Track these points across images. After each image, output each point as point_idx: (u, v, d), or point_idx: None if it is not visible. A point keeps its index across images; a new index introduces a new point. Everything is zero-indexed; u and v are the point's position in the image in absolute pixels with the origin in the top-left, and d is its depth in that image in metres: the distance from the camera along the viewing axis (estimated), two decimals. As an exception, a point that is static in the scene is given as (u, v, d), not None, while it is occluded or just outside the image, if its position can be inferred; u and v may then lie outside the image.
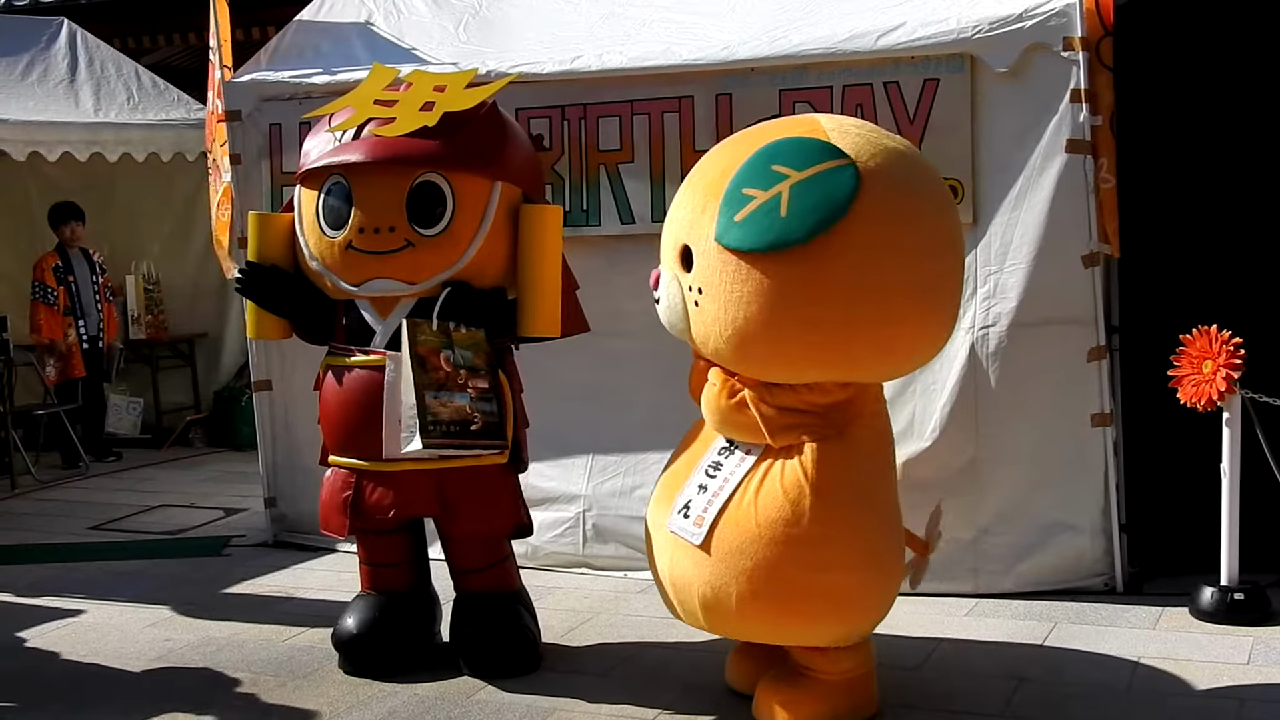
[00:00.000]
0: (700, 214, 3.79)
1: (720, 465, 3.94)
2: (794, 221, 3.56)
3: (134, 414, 10.00)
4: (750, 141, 3.86)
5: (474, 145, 4.43)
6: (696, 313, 3.82)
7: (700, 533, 3.86)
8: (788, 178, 3.60)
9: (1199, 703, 4.17)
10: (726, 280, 3.68)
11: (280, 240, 4.62)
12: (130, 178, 9.56)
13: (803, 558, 3.76)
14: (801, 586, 3.78)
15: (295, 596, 5.76)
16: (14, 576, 6.21)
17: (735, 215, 3.64)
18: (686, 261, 3.85)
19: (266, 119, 6.31)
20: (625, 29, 5.81)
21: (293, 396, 6.50)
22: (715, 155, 3.98)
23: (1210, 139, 5.44)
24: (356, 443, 4.51)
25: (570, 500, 5.89)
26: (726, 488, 3.88)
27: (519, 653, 4.65)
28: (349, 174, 4.38)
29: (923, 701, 4.24)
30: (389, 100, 4.45)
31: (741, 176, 3.69)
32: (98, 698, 4.56)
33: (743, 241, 3.62)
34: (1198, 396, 4.84)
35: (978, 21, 5.06)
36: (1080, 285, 5.09)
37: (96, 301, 9.28)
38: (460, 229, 4.38)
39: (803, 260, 3.59)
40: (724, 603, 3.85)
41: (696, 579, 3.89)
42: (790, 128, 3.88)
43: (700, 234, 3.77)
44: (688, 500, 3.95)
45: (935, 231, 3.82)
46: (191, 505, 7.80)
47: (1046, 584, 5.25)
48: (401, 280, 4.39)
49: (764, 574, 3.76)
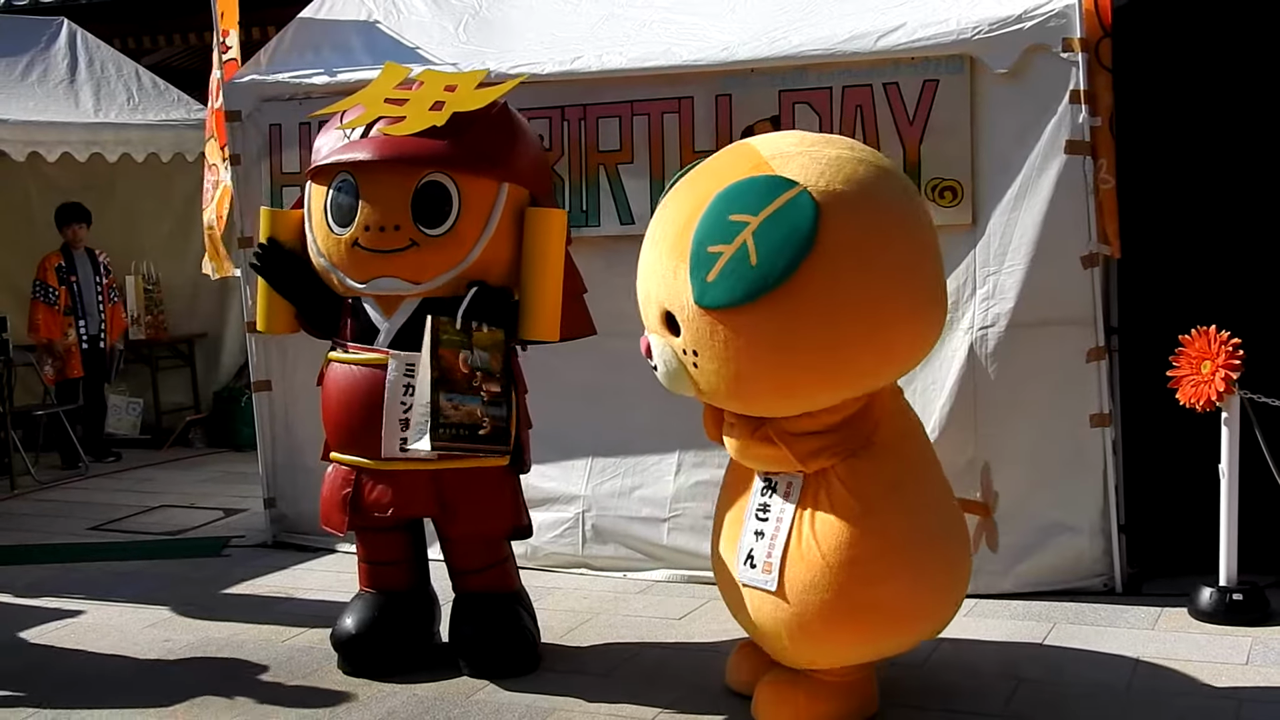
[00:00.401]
0: (674, 279, 3.76)
1: (768, 506, 3.96)
2: (764, 267, 3.55)
3: (134, 414, 10.00)
4: (697, 190, 3.80)
5: (482, 146, 4.42)
6: (698, 373, 3.80)
7: (772, 579, 3.87)
8: (747, 224, 3.58)
9: (1198, 703, 4.18)
10: (719, 339, 3.67)
11: (291, 236, 4.65)
12: (130, 178, 9.56)
13: (869, 574, 3.79)
14: (867, 603, 3.81)
15: (294, 597, 5.76)
16: (13, 577, 6.21)
17: (707, 275, 3.62)
18: (672, 326, 3.82)
19: (266, 119, 6.31)
20: (625, 30, 5.81)
21: (293, 397, 6.50)
22: (670, 209, 3.93)
23: (1209, 140, 5.44)
24: (357, 440, 4.51)
25: (570, 501, 5.89)
26: (783, 528, 3.90)
27: (518, 653, 4.65)
28: (356, 172, 4.39)
29: (923, 701, 4.24)
30: (399, 99, 4.45)
31: (702, 234, 3.65)
32: (97, 698, 4.55)
33: (721, 299, 3.61)
34: (1196, 397, 4.85)
35: (977, 22, 5.07)
36: (1079, 286, 5.09)
37: (99, 302, 9.27)
38: (466, 229, 4.38)
39: (785, 299, 3.57)
40: (811, 638, 3.88)
41: (780, 621, 3.90)
42: (732, 166, 3.83)
43: (678, 299, 3.74)
44: (750, 550, 3.96)
45: (906, 235, 3.80)
46: (191, 506, 7.80)
47: (1046, 584, 5.25)
48: (406, 279, 4.39)
49: (840, 601, 3.80)
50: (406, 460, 4.42)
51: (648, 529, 5.77)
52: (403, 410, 4.40)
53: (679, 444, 5.62)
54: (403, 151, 4.35)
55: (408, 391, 4.39)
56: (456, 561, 4.72)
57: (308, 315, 4.72)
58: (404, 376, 4.39)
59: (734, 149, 4.03)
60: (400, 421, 4.39)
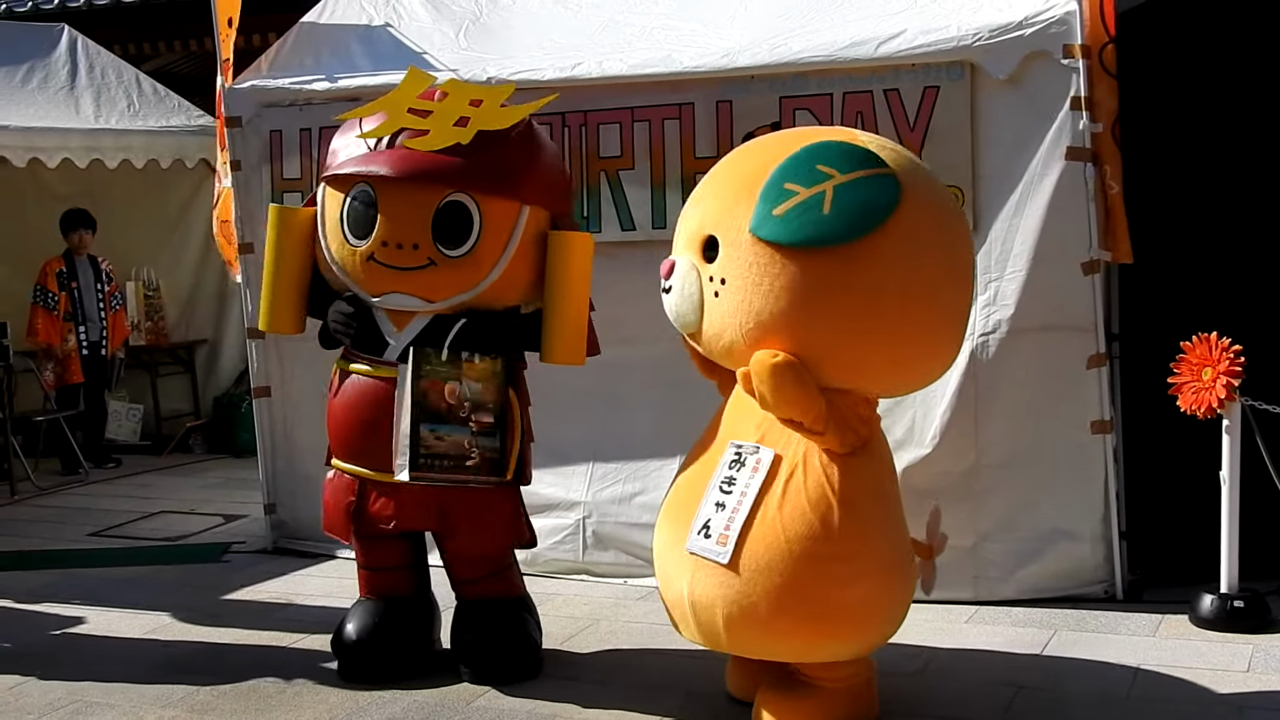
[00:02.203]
0: (734, 205, 3.78)
1: (734, 480, 3.90)
2: (835, 220, 3.59)
3: (134, 420, 10.00)
4: (789, 143, 3.87)
5: (505, 166, 4.38)
6: (714, 304, 3.80)
7: (726, 551, 3.79)
8: (832, 177, 3.63)
9: (1199, 710, 4.17)
10: (755, 272, 3.68)
11: (302, 236, 4.56)
12: (129, 184, 9.55)
13: (833, 574, 3.74)
14: (832, 602, 3.76)
15: (295, 603, 5.76)
16: (13, 583, 6.20)
17: (775, 209, 3.64)
18: (709, 252, 3.83)
19: (267, 125, 6.31)
20: (626, 36, 5.81)
21: (292, 403, 6.50)
22: (749, 152, 4.01)
23: (1211, 146, 5.45)
24: (361, 450, 4.50)
25: (570, 507, 5.88)
26: (745, 502, 3.83)
27: (520, 658, 4.64)
28: (376, 184, 4.34)
29: (922, 708, 4.24)
30: (423, 110, 4.34)
31: (784, 171, 3.69)
32: (97, 704, 4.55)
33: (781, 235, 3.63)
34: (1198, 404, 4.85)
35: (978, 29, 5.07)
36: (1080, 292, 5.09)
37: (100, 309, 9.27)
38: (485, 251, 4.35)
39: (835, 261, 3.63)
40: (751, 621, 3.79)
41: (721, 598, 3.81)
42: (827, 134, 3.92)
43: (732, 225, 3.76)
44: (706, 519, 3.88)
45: (957, 259, 3.90)
46: (191, 512, 7.80)
47: (1046, 591, 5.25)
48: (420, 297, 4.38)
49: (795, 591, 3.72)
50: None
51: (648, 535, 5.69)
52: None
53: (679, 450, 5.54)
54: (425, 169, 4.29)
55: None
56: (458, 571, 4.71)
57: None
58: (401, 405, 4.37)
59: (832, 128, 4.26)
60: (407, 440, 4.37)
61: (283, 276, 4.57)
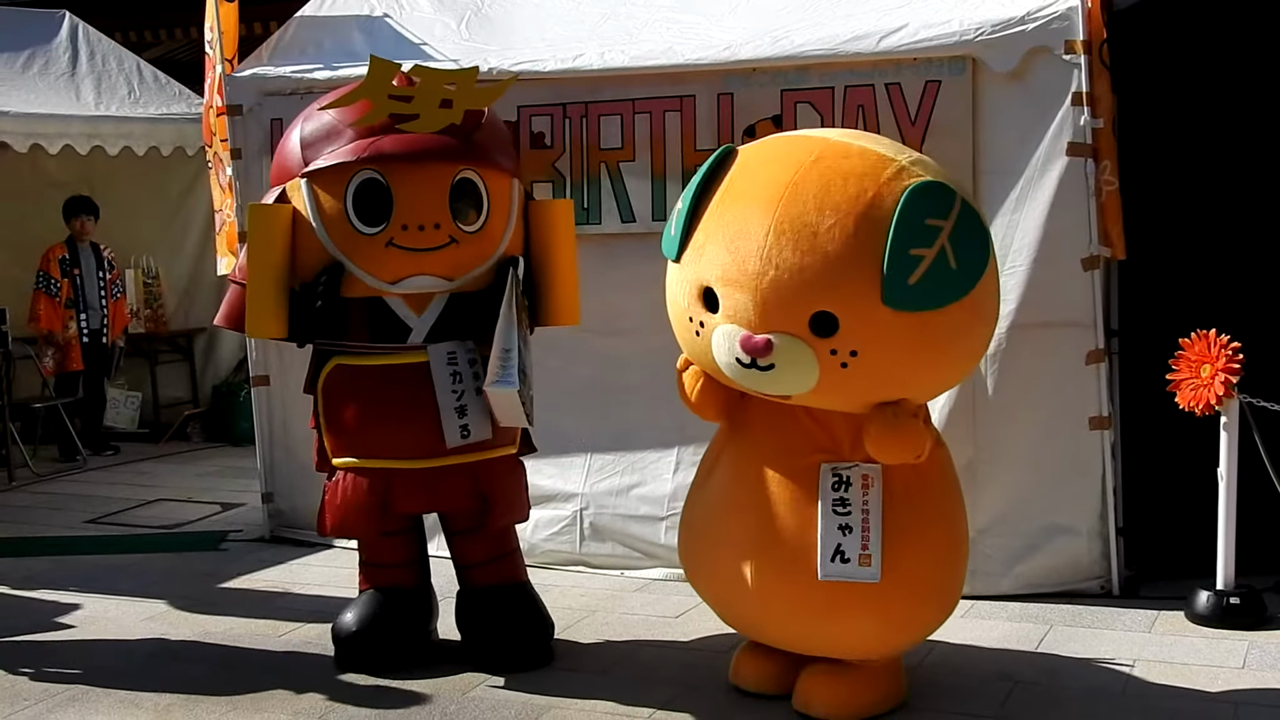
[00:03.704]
0: (840, 275, 3.63)
1: (847, 500, 3.93)
2: (964, 271, 3.66)
3: (132, 408, 9.99)
4: (832, 194, 3.67)
5: (496, 142, 4.53)
6: (844, 373, 3.72)
7: (873, 571, 3.87)
8: (942, 229, 3.63)
9: (1194, 706, 4.18)
10: (894, 338, 3.67)
11: (283, 235, 4.43)
12: (130, 172, 9.53)
13: (937, 560, 4.03)
14: (954, 588, 4.12)
15: (291, 591, 5.76)
16: (10, 569, 6.20)
17: (909, 279, 3.59)
18: (823, 327, 3.67)
19: (268, 114, 6.30)
20: (627, 28, 5.81)
21: (291, 392, 6.47)
22: (798, 195, 3.70)
23: (1210, 143, 5.44)
24: (390, 443, 4.46)
25: (567, 499, 5.88)
26: (874, 518, 3.89)
27: (539, 644, 4.68)
28: (387, 170, 4.34)
29: (918, 702, 4.24)
30: (404, 95, 4.38)
31: (902, 237, 3.59)
32: (93, 691, 4.55)
33: (924, 302, 3.63)
34: (1196, 400, 4.85)
35: (980, 24, 5.07)
36: (1080, 288, 5.09)
37: (102, 297, 9.26)
38: (494, 224, 4.47)
39: (963, 306, 3.70)
40: (920, 622, 4.11)
41: (876, 611, 3.94)
42: (871, 168, 3.73)
43: (849, 299, 3.64)
44: (837, 544, 3.90)
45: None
46: (189, 500, 7.80)
47: (1043, 586, 5.26)
48: (441, 276, 4.40)
49: (935, 587, 4.04)
50: (451, 455, 4.44)
51: (645, 527, 5.77)
52: (455, 399, 4.41)
53: (677, 442, 5.62)
54: (435, 148, 4.35)
55: (455, 380, 4.41)
56: (470, 555, 4.71)
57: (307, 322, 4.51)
58: (448, 365, 4.40)
59: (843, 147, 3.85)
60: (455, 410, 4.40)
61: (267, 279, 4.41)
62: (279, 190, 4.52)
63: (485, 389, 4.36)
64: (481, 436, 4.46)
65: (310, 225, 4.41)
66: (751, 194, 3.79)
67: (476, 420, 4.44)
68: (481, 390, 4.39)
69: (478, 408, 4.44)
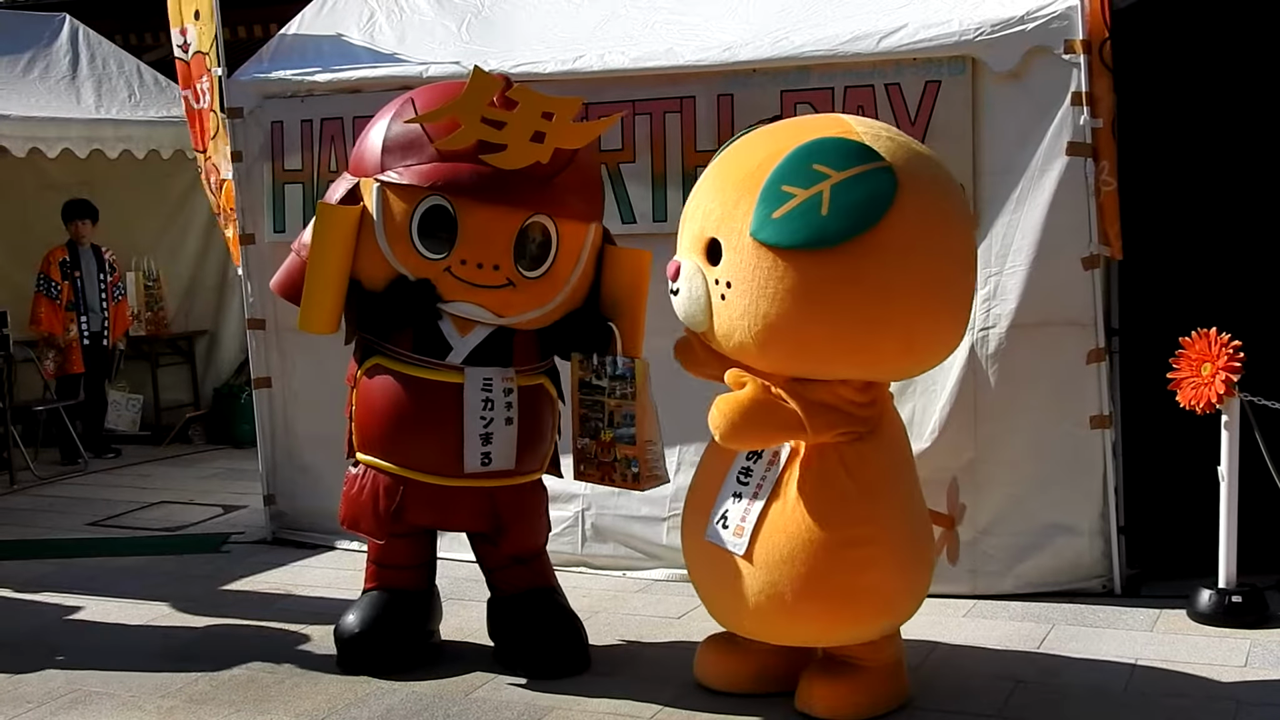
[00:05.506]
0: (733, 208, 3.79)
1: (750, 471, 3.96)
2: (834, 221, 3.61)
3: (133, 411, 9.99)
4: (783, 138, 3.87)
5: (578, 187, 4.41)
6: (722, 306, 3.82)
7: (741, 543, 3.88)
8: (828, 177, 3.64)
9: (1196, 705, 4.18)
10: (760, 275, 3.70)
11: (347, 236, 4.38)
12: (130, 175, 9.54)
13: (853, 558, 3.85)
14: (854, 587, 3.88)
15: (294, 594, 5.76)
16: (12, 572, 6.20)
17: (774, 212, 3.66)
18: (713, 255, 3.85)
19: (269, 116, 6.31)
20: (627, 29, 5.81)
21: (292, 394, 6.50)
22: (746, 149, 3.97)
23: (1211, 142, 5.45)
24: (411, 452, 4.44)
25: (569, 499, 5.88)
26: (762, 493, 3.91)
27: (578, 650, 4.66)
28: (457, 200, 4.27)
29: (920, 702, 4.24)
30: (497, 121, 4.22)
31: (781, 173, 3.70)
32: (96, 694, 4.56)
33: (781, 238, 3.65)
34: (1197, 399, 4.85)
35: (979, 24, 5.07)
36: (1080, 287, 5.10)
37: (103, 300, 9.26)
38: (559, 271, 4.40)
39: (837, 258, 3.65)
40: (778, 609, 3.90)
41: (744, 587, 3.91)
42: (822, 127, 3.90)
43: (733, 228, 3.78)
44: (725, 510, 3.96)
45: (962, 238, 3.95)
46: (190, 502, 7.80)
47: (1045, 586, 5.26)
48: (492, 312, 4.37)
49: (818, 579, 3.83)
50: (472, 478, 4.43)
51: (647, 528, 5.78)
52: (483, 425, 4.38)
53: (681, 441, 5.60)
54: (511, 191, 4.25)
55: (486, 406, 4.38)
56: (501, 563, 4.69)
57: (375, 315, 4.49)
58: (481, 391, 4.37)
59: (825, 116, 4.19)
60: (480, 436, 4.38)
61: (328, 277, 4.40)
62: (353, 183, 4.45)
63: (641, 488, 4.44)
64: (503, 466, 4.45)
65: (375, 228, 4.37)
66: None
67: (500, 449, 4.42)
68: (511, 420, 4.40)
69: (504, 437, 4.42)
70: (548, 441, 4.68)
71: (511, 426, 4.42)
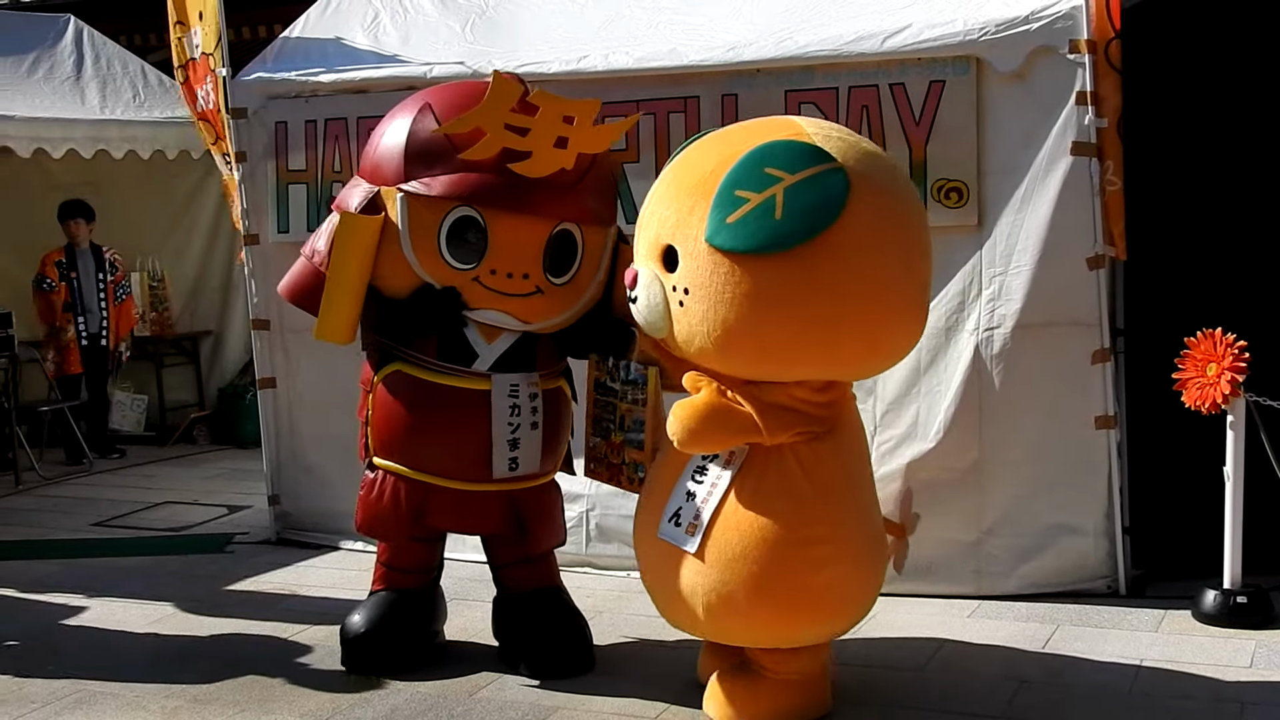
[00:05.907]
0: (688, 215, 3.78)
1: (706, 469, 3.94)
2: (788, 223, 3.60)
3: (138, 411, 10.01)
4: (734, 142, 3.86)
5: (599, 192, 4.45)
6: (681, 313, 3.83)
7: (694, 542, 3.87)
8: (781, 180, 3.63)
9: (1201, 706, 4.17)
10: (716, 281, 3.70)
11: (369, 247, 4.33)
12: (135, 175, 9.54)
13: (806, 558, 3.81)
14: (807, 587, 3.84)
15: (298, 594, 5.77)
16: (17, 572, 6.21)
17: (727, 217, 3.65)
18: (670, 262, 3.85)
19: (272, 117, 6.31)
20: (631, 30, 5.81)
21: (297, 394, 6.50)
22: (699, 155, 3.97)
23: (1216, 142, 5.44)
24: (436, 460, 4.44)
25: (574, 500, 5.86)
26: (716, 492, 3.89)
27: (585, 649, 4.67)
28: (487, 211, 4.25)
29: (925, 703, 4.24)
30: (521, 127, 4.20)
31: (733, 178, 3.69)
32: (100, 694, 4.56)
33: (736, 243, 3.65)
34: (1202, 399, 4.85)
35: (984, 24, 5.07)
36: (1085, 287, 5.09)
37: (101, 301, 9.26)
38: (584, 276, 4.43)
39: (794, 261, 3.64)
40: (729, 609, 3.86)
41: (696, 586, 3.89)
42: (772, 130, 3.89)
43: (688, 235, 3.77)
44: (677, 508, 3.95)
45: (915, 233, 3.92)
46: (195, 502, 7.81)
47: (1049, 586, 5.25)
48: (518, 319, 4.38)
49: (770, 578, 3.80)
50: (495, 482, 4.44)
51: (651, 528, 5.76)
52: (510, 431, 4.39)
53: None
54: (540, 201, 4.25)
55: (514, 412, 4.39)
56: (514, 563, 4.70)
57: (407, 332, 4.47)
58: (509, 397, 4.38)
59: (776, 118, 4.14)
60: (509, 442, 4.39)
61: (349, 286, 4.35)
62: (373, 191, 4.37)
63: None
64: (529, 470, 4.48)
65: (399, 236, 4.33)
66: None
67: (527, 454, 4.44)
68: (537, 424, 4.43)
69: (530, 441, 4.44)
70: (565, 442, 4.71)
71: (537, 431, 4.44)
